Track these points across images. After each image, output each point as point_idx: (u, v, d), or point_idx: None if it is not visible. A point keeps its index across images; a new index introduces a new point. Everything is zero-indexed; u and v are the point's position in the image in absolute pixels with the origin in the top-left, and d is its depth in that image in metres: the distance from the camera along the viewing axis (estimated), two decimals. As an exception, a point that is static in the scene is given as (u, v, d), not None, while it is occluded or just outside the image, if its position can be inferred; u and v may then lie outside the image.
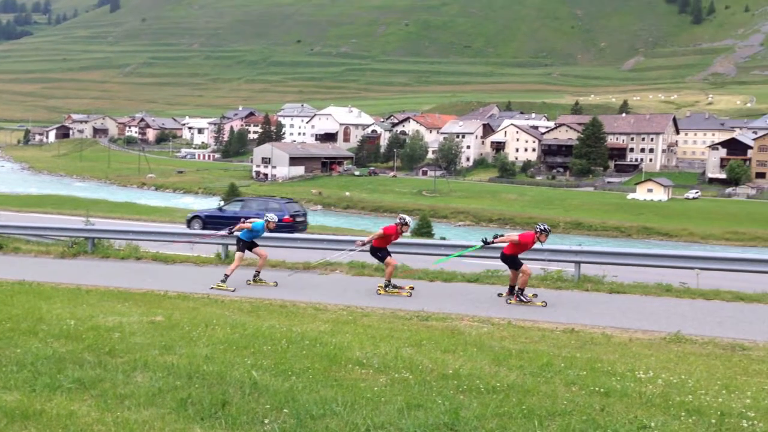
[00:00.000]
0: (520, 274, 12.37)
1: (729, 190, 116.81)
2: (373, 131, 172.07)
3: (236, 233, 14.25)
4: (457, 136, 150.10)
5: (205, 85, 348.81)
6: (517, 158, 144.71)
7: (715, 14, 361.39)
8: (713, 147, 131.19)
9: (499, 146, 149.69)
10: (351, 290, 13.47)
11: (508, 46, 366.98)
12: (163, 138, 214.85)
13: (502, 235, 12.77)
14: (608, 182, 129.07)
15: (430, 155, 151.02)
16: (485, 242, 12.86)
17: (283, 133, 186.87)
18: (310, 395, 5.72)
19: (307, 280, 14.13)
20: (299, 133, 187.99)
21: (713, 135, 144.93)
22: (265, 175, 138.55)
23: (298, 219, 25.02)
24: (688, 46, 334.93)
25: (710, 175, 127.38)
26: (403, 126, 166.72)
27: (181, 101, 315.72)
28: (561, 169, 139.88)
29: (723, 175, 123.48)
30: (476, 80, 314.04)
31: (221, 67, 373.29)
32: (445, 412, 5.36)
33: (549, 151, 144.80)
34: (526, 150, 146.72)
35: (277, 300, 12.33)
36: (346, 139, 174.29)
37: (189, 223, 26.01)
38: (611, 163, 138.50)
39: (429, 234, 54.83)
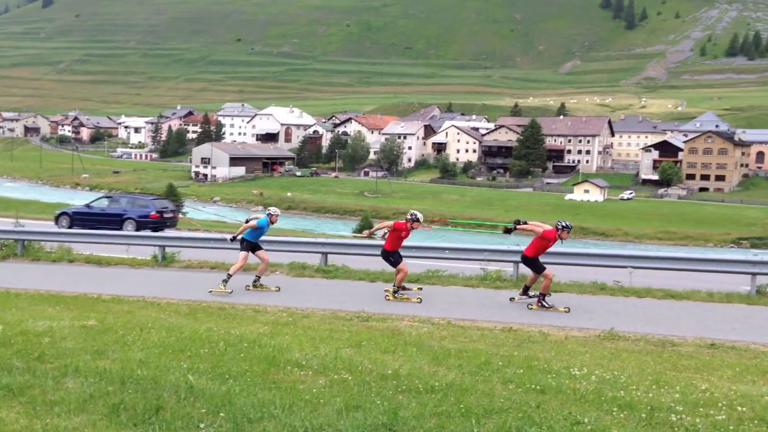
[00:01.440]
0: (542, 278, 11.93)
1: (661, 191, 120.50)
2: (315, 132, 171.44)
3: (239, 237, 13.50)
4: (399, 137, 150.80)
5: (142, 84, 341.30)
6: (458, 159, 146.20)
7: (647, 20, 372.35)
8: (646, 149, 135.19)
9: (440, 147, 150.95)
10: (291, 291, 13.37)
11: (449, 48, 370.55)
12: (98, 137, 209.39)
13: (526, 223, 12.07)
14: (547, 183, 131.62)
15: (372, 156, 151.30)
16: (507, 230, 12.31)
17: (223, 133, 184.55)
18: (247, 398, 5.64)
19: (246, 282, 13.95)
20: (240, 133, 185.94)
21: (646, 137, 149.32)
22: (205, 175, 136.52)
23: (166, 215, 25.44)
24: (622, 51, 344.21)
25: (644, 177, 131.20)
26: (345, 126, 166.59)
27: (117, 100, 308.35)
28: (501, 170, 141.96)
29: (656, 177, 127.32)
30: (418, 81, 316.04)
31: (159, 65, 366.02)
32: (383, 412, 5.35)
33: (489, 152, 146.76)
34: (467, 151, 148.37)
35: (216, 302, 12.14)
36: (288, 140, 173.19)
37: (57, 220, 25.71)
38: (550, 165, 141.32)
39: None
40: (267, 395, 5.75)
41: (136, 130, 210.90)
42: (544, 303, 11.89)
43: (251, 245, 13.42)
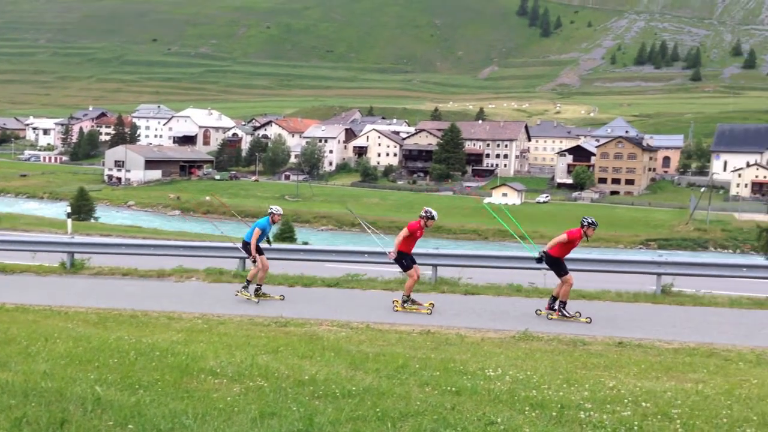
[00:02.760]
0: (561, 284, 11.41)
1: (575, 194, 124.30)
2: (235, 135, 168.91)
3: (255, 247, 12.71)
4: (320, 141, 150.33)
5: (51, 84, 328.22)
6: (379, 163, 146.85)
7: (561, 28, 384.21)
8: (561, 154, 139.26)
9: (361, 151, 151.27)
10: (208, 297, 13.09)
11: (369, 52, 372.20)
12: (3, 139, 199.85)
13: (545, 252, 11.48)
14: (466, 187, 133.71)
15: (292, 159, 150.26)
16: (538, 260, 11.64)
17: (138, 136, 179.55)
18: (158, 409, 5.47)
19: (160, 289, 13.58)
20: (156, 136, 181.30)
21: (561, 142, 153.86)
22: (118, 178, 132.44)
23: None
24: (538, 58, 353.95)
25: (559, 180, 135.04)
26: (266, 130, 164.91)
27: (25, 100, 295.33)
28: (421, 174, 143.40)
29: (570, 180, 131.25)
30: (339, 85, 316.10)
31: (70, 65, 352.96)
32: (299, 419, 5.29)
33: (410, 156, 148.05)
34: (387, 155, 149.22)
35: (128, 310, 11.76)
36: (206, 143, 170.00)
37: None
38: (469, 168, 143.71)
39: (292, 239, 54.54)
40: (179, 405, 5.59)
41: (45, 131, 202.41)
42: (564, 312, 11.33)
43: (258, 248, 12.95)
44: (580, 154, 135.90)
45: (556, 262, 11.42)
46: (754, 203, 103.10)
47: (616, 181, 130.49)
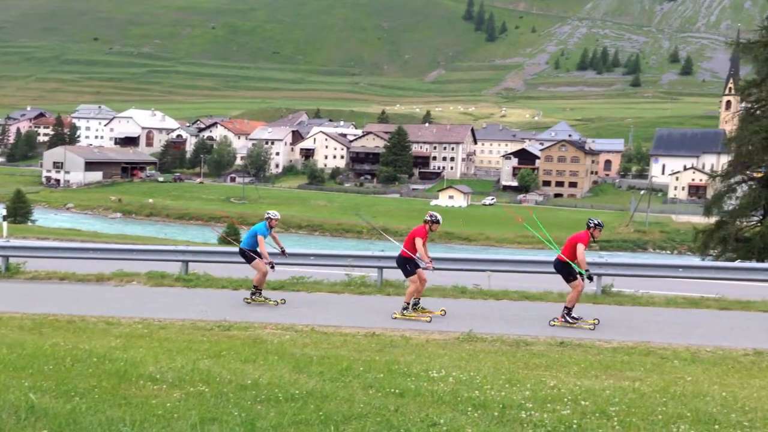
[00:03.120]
0: (571, 289, 11.14)
1: (520, 196, 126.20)
2: (179, 136, 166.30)
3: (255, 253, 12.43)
4: (266, 143, 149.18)
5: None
6: (326, 165, 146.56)
7: (506, 33, 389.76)
8: (506, 157, 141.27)
9: (308, 153, 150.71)
10: (149, 302, 12.83)
11: (316, 54, 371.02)
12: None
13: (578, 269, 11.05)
14: (413, 189, 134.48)
15: (238, 161, 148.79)
16: (590, 278, 11.07)
17: (78, 136, 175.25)
18: (94, 416, 5.34)
19: (99, 293, 13.26)
20: (97, 137, 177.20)
21: (506, 145, 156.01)
22: (57, 180, 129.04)
23: None
24: (484, 62, 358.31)
25: (504, 183, 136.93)
26: (211, 131, 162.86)
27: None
28: (369, 176, 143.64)
29: (515, 183, 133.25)
30: (285, 87, 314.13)
31: (7, 64, 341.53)
32: (240, 423, 5.24)
33: (357, 158, 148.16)
34: (335, 157, 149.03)
35: (65, 315, 11.44)
36: (149, 144, 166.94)
37: None
38: (416, 171, 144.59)
39: (238, 242, 53.84)
40: (116, 412, 5.46)
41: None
42: (567, 318, 11.05)
43: (254, 254, 12.74)
44: (525, 157, 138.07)
45: (566, 268, 11.16)
46: (690, 205, 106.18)
47: (559, 183, 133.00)
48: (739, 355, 9.16)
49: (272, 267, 12.45)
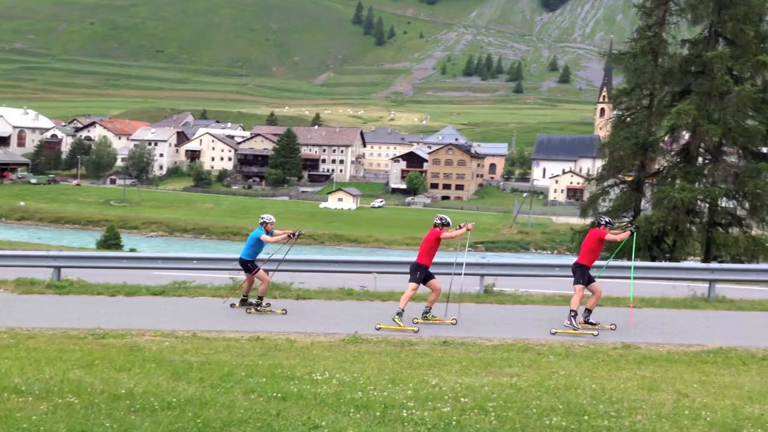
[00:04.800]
0: (588, 293, 10.93)
1: (409, 199, 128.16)
2: (54, 136, 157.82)
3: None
4: (149, 144, 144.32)
5: None
6: (212, 167, 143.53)
7: (395, 38, 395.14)
8: (395, 159, 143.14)
9: (194, 155, 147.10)
10: (17, 310, 12.06)
11: (203, 53, 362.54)
12: None
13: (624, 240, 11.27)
14: (302, 192, 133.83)
15: (119, 163, 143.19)
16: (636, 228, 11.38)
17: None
18: (-51, 434, 4.97)
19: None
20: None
21: (395, 148, 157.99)
22: None
23: None
24: (373, 66, 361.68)
25: (393, 186, 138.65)
26: (89, 131, 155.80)
27: None
28: (257, 179, 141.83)
29: (404, 186, 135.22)
30: (170, 86, 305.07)
31: None
32: (112, 435, 5.02)
33: (245, 160, 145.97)
34: (222, 159, 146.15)
35: None
36: (21, 144, 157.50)
37: None
38: (305, 174, 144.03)
39: (118, 246, 51.93)
40: (-26, 428, 5.10)
41: None
42: (573, 322, 10.87)
43: (254, 263, 12.36)
44: (413, 160, 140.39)
45: (584, 272, 11.03)
46: (569, 207, 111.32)
47: (447, 186, 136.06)
48: (609, 349, 9.64)
49: (298, 235, 12.43)
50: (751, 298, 13.71)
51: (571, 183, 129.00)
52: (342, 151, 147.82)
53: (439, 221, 11.54)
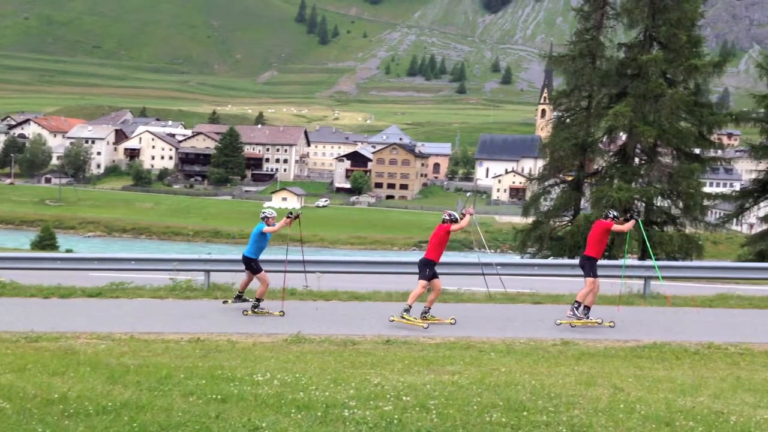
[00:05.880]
0: (589, 286, 11.16)
1: (353, 198, 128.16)
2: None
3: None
4: (87, 142, 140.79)
5: None
6: (153, 166, 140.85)
7: (338, 37, 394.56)
8: (339, 159, 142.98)
9: (133, 153, 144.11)
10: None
11: (142, 50, 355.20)
12: None
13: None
14: (246, 191, 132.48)
15: (54, 161, 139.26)
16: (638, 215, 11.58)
17: None
18: None
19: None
20: None
21: (339, 148, 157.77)
22: None
23: None
24: (316, 65, 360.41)
25: (337, 185, 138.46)
26: (23, 128, 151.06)
27: None
28: (199, 178, 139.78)
29: (348, 185, 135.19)
30: (108, 83, 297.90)
31: None
32: (44, 441, 4.86)
33: (187, 159, 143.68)
34: (162, 158, 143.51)
35: None
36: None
37: None
38: (249, 173, 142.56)
39: (53, 247, 50.52)
40: None
41: None
42: (576, 314, 11.12)
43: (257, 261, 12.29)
44: (357, 159, 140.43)
45: (591, 264, 11.32)
46: (511, 206, 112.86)
47: (391, 185, 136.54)
48: (549, 345, 9.81)
49: (296, 216, 12.73)
50: (684, 294, 14.13)
51: (514, 182, 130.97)
52: (286, 151, 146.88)
53: (447, 217, 11.54)
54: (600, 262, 11.89)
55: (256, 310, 12.14)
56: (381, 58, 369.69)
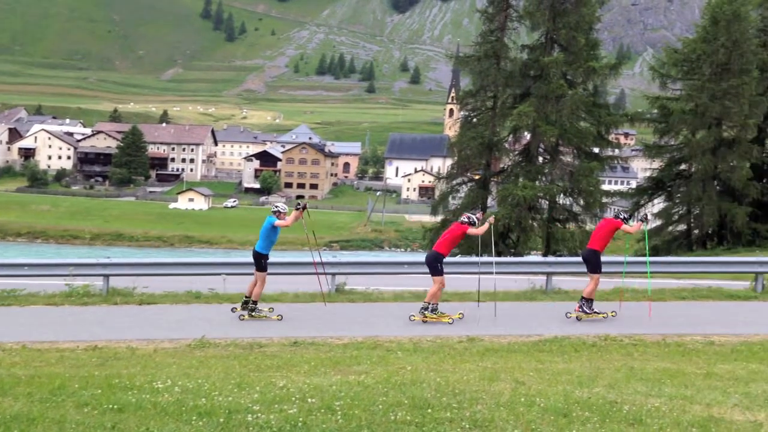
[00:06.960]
0: (595, 281, 11.62)
1: (263, 198, 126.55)
2: None
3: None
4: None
5: None
6: (49, 166, 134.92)
7: (246, 34, 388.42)
8: (248, 159, 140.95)
9: (28, 153, 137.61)
10: None
11: (37, 44, 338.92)
12: None
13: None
14: (150, 192, 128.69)
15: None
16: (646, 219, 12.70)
17: None
18: None
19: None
20: None
21: (248, 147, 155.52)
22: None
23: None
24: (223, 62, 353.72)
25: (246, 185, 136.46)
26: None
27: None
28: (100, 179, 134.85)
29: (257, 185, 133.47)
30: (0, 80, 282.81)
31: None
32: None
33: (86, 159, 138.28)
34: (60, 158, 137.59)
35: None
36: None
37: None
38: (153, 173, 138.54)
39: None
40: None
41: None
42: (585, 309, 11.64)
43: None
44: (266, 159, 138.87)
45: (596, 258, 11.69)
46: (421, 205, 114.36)
47: (301, 185, 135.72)
48: (455, 343, 9.96)
49: (305, 206, 12.53)
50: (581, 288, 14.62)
51: (423, 181, 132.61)
52: (192, 150, 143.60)
53: (467, 219, 11.54)
54: (510, 259, 12.32)
55: (253, 314, 11.93)
56: (290, 56, 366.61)
